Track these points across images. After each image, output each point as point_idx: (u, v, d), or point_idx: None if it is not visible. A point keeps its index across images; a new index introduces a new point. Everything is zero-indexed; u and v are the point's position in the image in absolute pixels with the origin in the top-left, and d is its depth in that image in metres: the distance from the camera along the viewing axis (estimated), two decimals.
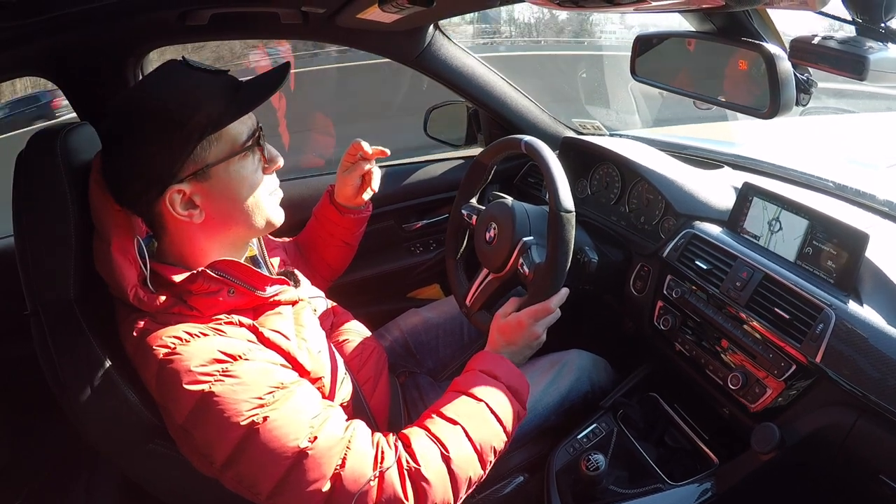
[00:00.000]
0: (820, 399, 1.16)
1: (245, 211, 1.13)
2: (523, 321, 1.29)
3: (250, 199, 1.13)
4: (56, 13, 1.28)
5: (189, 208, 1.07)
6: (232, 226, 1.14)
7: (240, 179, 1.11)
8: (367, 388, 1.38)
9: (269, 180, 1.18)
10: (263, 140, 1.15)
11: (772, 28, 1.25)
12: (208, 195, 1.08)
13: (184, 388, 0.95)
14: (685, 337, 1.45)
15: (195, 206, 1.08)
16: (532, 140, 1.40)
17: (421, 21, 1.79)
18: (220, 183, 1.09)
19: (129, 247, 1.07)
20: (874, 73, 0.93)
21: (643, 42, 1.50)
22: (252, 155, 1.12)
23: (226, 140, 1.08)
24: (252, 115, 1.13)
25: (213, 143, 1.06)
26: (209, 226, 1.11)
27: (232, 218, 1.13)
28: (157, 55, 1.75)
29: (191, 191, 1.06)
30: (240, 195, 1.12)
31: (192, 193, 1.06)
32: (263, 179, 1.15)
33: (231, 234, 1.15)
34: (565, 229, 1.28)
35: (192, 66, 1.07)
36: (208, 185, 1.07)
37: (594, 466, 1.29)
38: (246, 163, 1.11)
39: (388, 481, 0.99)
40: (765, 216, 1.37)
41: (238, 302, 1.10)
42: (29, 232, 1.10)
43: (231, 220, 1.13)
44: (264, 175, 1.16)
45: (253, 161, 1.13)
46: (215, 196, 1.09)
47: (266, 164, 1.16)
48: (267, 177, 1.17)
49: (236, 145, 1.09)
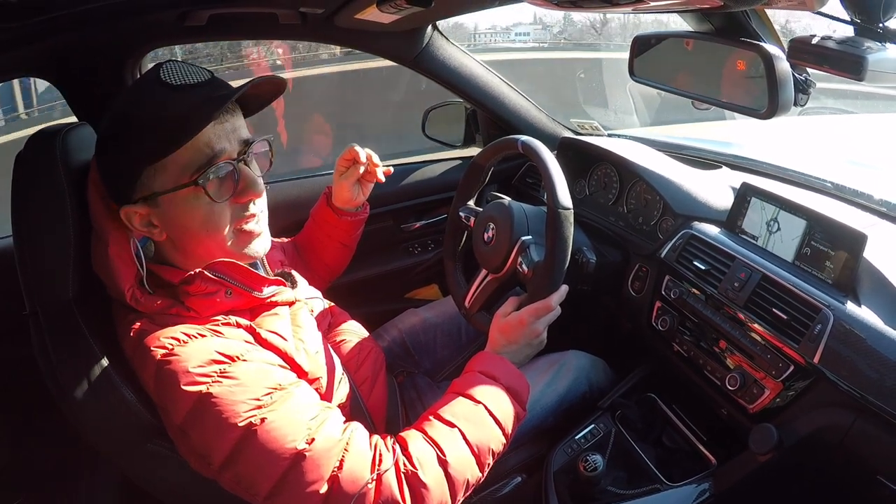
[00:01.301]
0: (818, 400, 1.16)
1: (202, 242, 1.09)
2: (524, 319, 1.29)
3: (205, 233, 1.08)
4: (55, 14, 1.28)
5: (147, 226, 1.07)
6: (195, 250, 1.11)
7: (188, 213, 1.05)
8: (364, 388, 1.38)
9: (236, 211, 1.10)
10: (236, 166, 1.07)
11: (770, 28, 1.26)
12: (162, 220, 1.07)
13: (182, 389, 0.95)
14: (683, 337, 1.45)
15: (154, 224, 1.07)
16: (529, 140, 1.40)
17: (419, 22, 1.79)
18: (171, 211, 1.05)
19: (127, 248, 1.07)
20: (872, 74, 0.93)
21: (641, 42, 1.50)
22: (206, 188, 1.03)
23: (173, 169, 1.02)
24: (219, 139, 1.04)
25: (160, 172, 1.02)
26: (175, 245, 1.11)
27: (191, 245, 1.10)
28: (154, 55, 1.75)
29: (145, 213, 1.05)
30: (191, 228, 1.07)
31: (147, 215, 1.06)
32: (225, 213, 1.08)
33: (200, 254, 1.11)
34: (564, 227, 1.29)
35: (161, 80, 1.01)
36: (158, 211, 1.05)
37: (592, 467, 1.29)
38: (197, 198, 1.04)
39: (386, 483, 0.99)
40: (763, 217, 1.37)
41: (235, 303, 1.10)
42: (28, 232, 1.09)
43: (190, 247, 1.11)
44: (232, 206, 1.09)
45: (206, 194, 1.03)
46: (169, 223, 1.07)
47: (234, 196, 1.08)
48: (236, 208, 1.10)
49: (184, 177, 1.02)
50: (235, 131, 1.07)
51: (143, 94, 1.03)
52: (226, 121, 1.05)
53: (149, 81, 1.03)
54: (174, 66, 1.02)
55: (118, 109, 1.04)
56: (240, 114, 1.11)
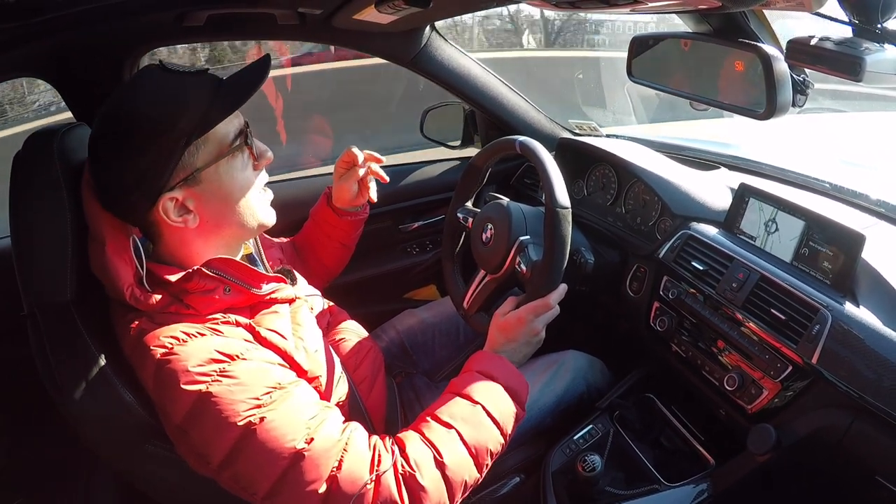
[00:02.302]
0: (816, 400, 1.17)
1: (237, 211, 1.14)
2: (523, 317, 1.29)
3: (242, 199, 1.14)
4: (53, 14, 1.28)
5: (183, 214, 1.08)
6: (225, 227, 1.14)
7: (230, 180, 1.11)
8: (363, 388, 1.38)
9: (259, 178, 1.18)
10: (251, 136, 1.15)
11: (768, 29, 1.26)
12: (201, 199, 1.09)
13: (181, 389, 0.95)
14: (681, 338, 1.45)
15: (189, 210, 1.08)
16: (526, 140, 1.41)
17: (417, 22, 1.79)
18: (212, 185, 1.09)
19: (125, 246, 1.07)
20: (870, 75, 0.93)
21: (639, 43, 1.51)
22: (241, 154, 1.12)
23: (213, 142, 1.08)
24: (238, 112, 1.12)
25: (201, 147, 1.06)
26: (204, 229, 1.11)
27: (225, 219, 1.13)
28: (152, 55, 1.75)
29: (183, 196, 1.07)
30: (232, 196, 1.12)
31: (184, 199, 1.07)
32: (254, 178, 1.16)
33: (225, 235, 1.15)
34: (562, 226, 1.29)
35: (168, 69, 1.06)
36: (199, 189, 1.08)
37: (590, 467, 1.29)
38: (235, 162, 1.11)
39: (385, 484, 0.99)
40: (761, 217, 1.37)
41: (234, 300, 1.10)
42: (26, 233, 1.09)
43: (224, 222, 1.13)
44: (255, 172, 1.17)
45: (242, 159, 1.13)
46: (207, 199, 1.09)
47: (255, 161, 1.16)
48: (257, 175, 1.18)
49: (224, 146, 1.09)
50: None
51: (161, 82, 1.06)
52: None
53: (154, 73, 1.07)
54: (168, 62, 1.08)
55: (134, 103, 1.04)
56: None
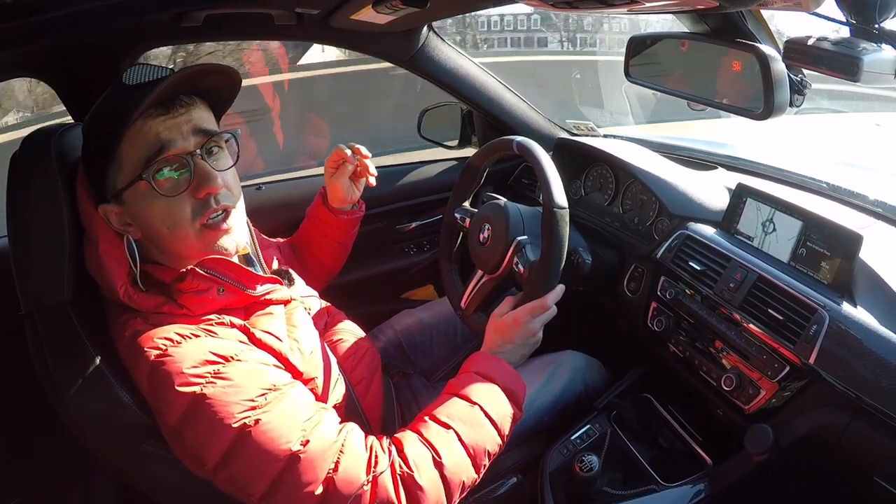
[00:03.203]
0: (814, 400, 1.16)
1: (167, 240, 1.10)
2: (520, 318, 1.29)
3: (167, 230, 1.08)
4: (50, 14, 1.28)
5: (124, 225, 1.08)
6: (168, 247, 1.12)
7: (148, 209, 1.06)
8: (360, 388, 1.38)
9: (195, 206, 1.08)
10: (191, 160, 1.06)
11: (766, 29, 1.26)
12: (132, 217, 1.08)
13: (176, 390, 0.95)
14: (679, 338, 1.45)
15: (129, 223, 1.08)
16: (524, 140, 1.41)
17: (415, 22, 1.78)
18: (133, 209, 1.07)
19: (119, 246, 1.07)
20: (868, 75, 0.93)
21: (637, 43, 1.51)
22: (150, 181, 1.03)
23: (127, 165, 1.04)
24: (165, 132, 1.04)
25: (119, 169, 1.05)
26: (152, 243, 1.11)
27: (162, 242, 1.11)
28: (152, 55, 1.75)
29: (117, 211, 1.07)
30: (152, 224, 1.08)
31: (121, 213, 1.08)
32: (184, 207, 1.07)
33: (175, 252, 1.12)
34: (559, 226, 1.29)
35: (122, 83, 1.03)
36: (126, 209, 1.08)
37: (588, 468, 1.29)
38: (151, 191, 1.04)
39: (382, 485, 0.99)
40: (759, 217, 1.37)
41: (228, 300, 1.10)
42: (23, 233, 1.09)
43: (162, 245, 1.11)
44: (192, 200, 1.08)
45: (160, 187, 1.04)
46: (136, 220, 1.08)
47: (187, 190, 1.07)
48: (196, 203, 1.08)
49: (136, 172, 1.04)
50: (191, 123, 1.07)
51: (105, 97, 1.07)
52: (178, 114, 1.06)
53: (114, 85, 1.05)
54: (136, 69, 1.03)
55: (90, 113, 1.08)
56: (199, 107, 1.11)
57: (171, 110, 1.04)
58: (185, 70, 1.05)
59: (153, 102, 1.01)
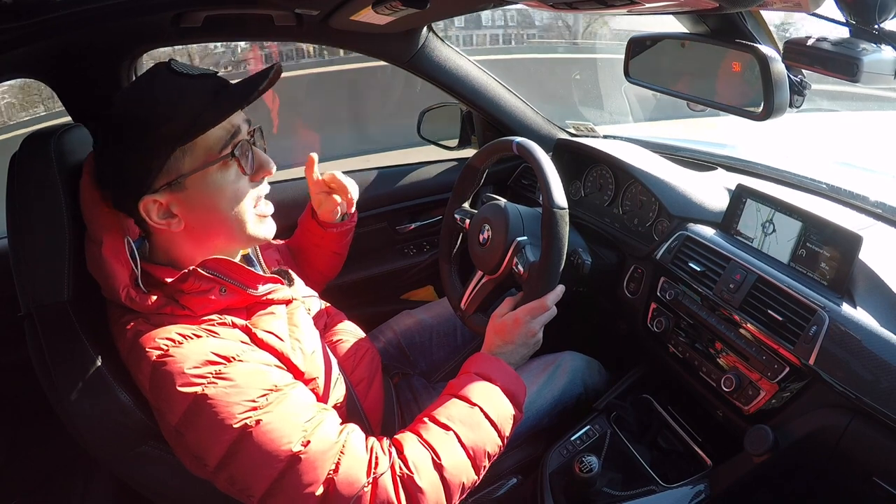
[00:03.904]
0: (813, 401, 1.17)
1: (225, 223, 1.11)
2: (520, 318, 1.29)
3: (230, 213, 1.11)
4: (50, 16, 1.28)
5: (166, 217, 1.07)
6: (214, 236, 1.13)
7: (217, 190, 1.08)
8: (360, 389, 1.38)
9: (255, 191, 1.14)
10: (251, 145, 1.12)
11: (765, 30, 1.26)
12: (184, 205, 1.07)
13: (177, 391, 0.95)
14: (679, 339, 1.45)
15: (173, 215, 1.07)
16: (523, 141, 1.41)
17: (414, 23, 1.78)
18: (197, 194, 1.07)
19: (121, 247, 1.07)
20: (867, 75, 0.93)
21: (637, 44, 1.51)
22: (233, 164, 1.08)
23: (201, 148, 1.05)
24: (238, 118, 1.09)
25: (188, 153, 1.04)
26: (191, 234, 1.11)
27: (212, 228, 1.11)
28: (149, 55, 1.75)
29: (166, 201, 1.06)
30: (218, 207, 1.10)
31: (168, 203, 1.06)
32: (248, 190, 1.12)
33: (215, 242, 1.14)
34: (559, 226, 1.29)
35: (175, 71, 1.05)
36: (183, 195, 1.07)
37: (588, 468, 1.29)
38: (225, 173, 1.08)
39: (382, 487, 0.99)
40: (758, 218, 1.37)
41: (230, 301, 1.10)
42: (23, 234, 1.09)
43: (212, 231, 1.12)
44: (250, 184, 1.13)
45: (234, 171, 1.09)
46: (192, 207, 1.08)
47: (251, 174, 1.12)
48: (253, 186, 1.14)
49: (212, 154, 1.06)
50: (243, 113, 1.11)
51: (160, 83, 1.05)
52: None
53: (160, 73, 1.05)
54: (178, 63, 1.06)
55: (131, 100, 1.05)
56: None
57: None
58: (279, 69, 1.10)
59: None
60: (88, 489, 1.88)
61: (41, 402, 1.07)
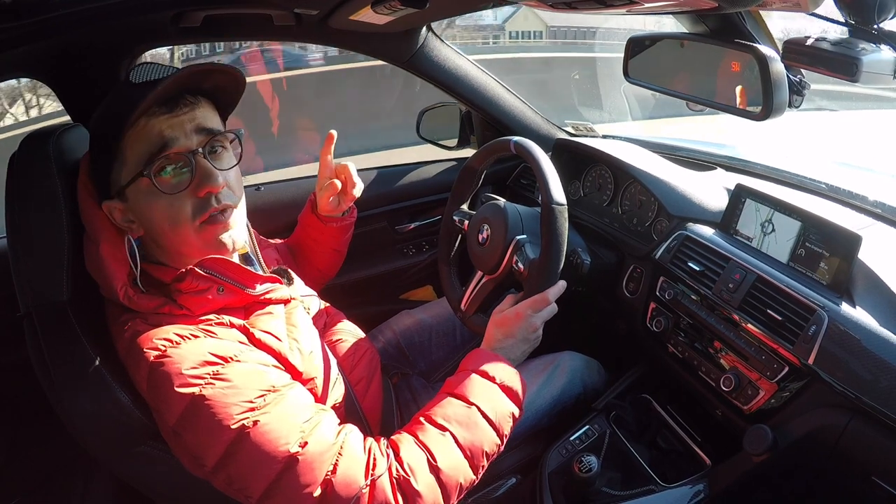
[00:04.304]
0: (812, 401, 1.16)
1: (170, 238, 1.10)
2: (521, 312, 1.29)
3: (168, 227, 1.08)
4: (49, 15, 1.28)
5: (127, 222, 1.09)
6: (167, 246, 1.12)
7: (150, 205, 1.06)
8: (359, 388, 1.37)
9: (196, 205, 1.08)
10: (193, 158, 1.06)
11: (765, 30, 1.26)
12: (134, 214, 1.09)
13: (175, 391, 0.95)
14: (678, 338, 1.45)
15: (131, 220, 1.09)
16: (521, 140, 1.41)
17: (414, 23, 1.78)
18: (136, 206, 1.08)
19: (119, 246, 1.07)
20: (867, 75, 0.93)
21: (636, 43, 1.51)
22: (151, 177, 1.03)
23: (131, 161, 1.05)
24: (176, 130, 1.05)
25: (122, 165, 1.05)
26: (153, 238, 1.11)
27: (163, 239, 1.11)
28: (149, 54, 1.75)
29: (121, 208, 1.08)
30: (155, 221, 1.08)
31: (123, 210, 1.08)
32: (185, 205, 1.07)
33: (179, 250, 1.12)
34: (558, 222, 1.29)
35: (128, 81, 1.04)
36: (127, 206, 1.08)
37: (587, 468, 1.29)
38: (153, 188, 1.04)
39: (380, 488, 0.99)
40: (757, 218, 1.37)
41: (228, 300, 1.10)
42: (22, 233, 1.09)
43: (163, 242, 1.11)
44: (192, 198, 1.07)
45: (162, 185, 1.04)
46: (139, 218, 1.09)
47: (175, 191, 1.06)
48: (193, 201, 1.08)
49: (138, 168, 1.04)
50: (194, 122, 1.07)
51: (112, 94, 1.08)
52: (182, 112, 1.06)
53: (121, 83, 1.07)
54: (143, 68, 1.04)
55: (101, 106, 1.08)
56: (204, 106, 1.11)
57: (174, 109, 1.05)
58: (187, 69, 1.04)
59: (156, 100, 1.02)
60: (88, 489, 1.88)
61: (41, 402, 1.07)
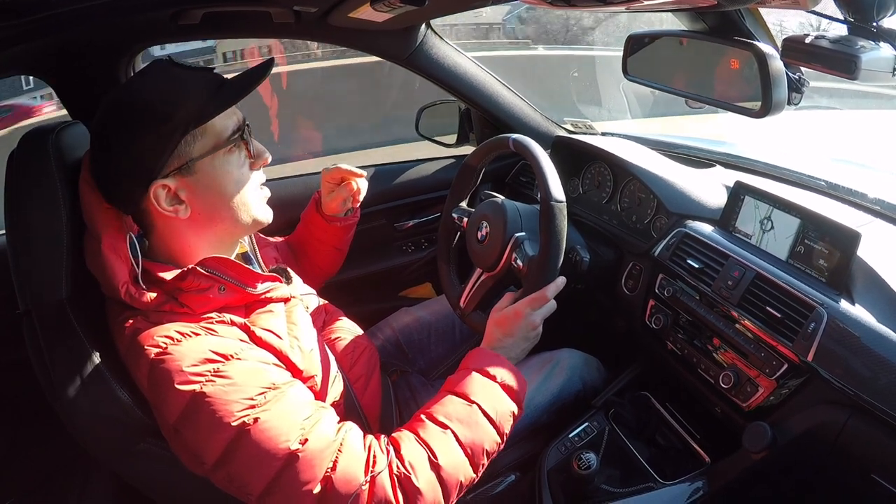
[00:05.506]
0: (811, 398, 1.17)
1: (231, 207, 1.13)
2: (520, 310, 1.29)
3: (236, 196, 1.14)
4: (48, 13, 1.28)
5: (174, 203, 1.08)
6: (218, 222, 1.14)
7: (225, 174, 1.11)
8: (358, 386, 1.38)
9: (256, 176, 1.18)
10: (250, 135, 1.16)
11: (764, 27, 1.26)
12: (193, 190, 1.09)
13: (175, 389, 0.95)
14: (677, 336, 1.45)
15: (181, 201, 1.08)
16: (519, 137, 1.41)
17: (413, 20, 1.78)
18: (205, 178, 1.09)
19: (121, 244, 1.07)
20: (866, 73, 0.93)
21: (635, 41, 1.51)
22: (238, 150, 1.13)
23: (210, 134, 1.08)
24: (237, 110, 1.14)
25: (198, 138, 1.07)
26: (196, 222, 1.11)
27: (218, 213, 1.13)
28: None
29: (175, 186, 1.07)
30: (225, 190, 1.12)
31: (177, 188, 1.07)
32: (250, 175, 1.16)
33: (218, 230, 1.15)
34: (557, 219, 1.29)
35: (176, 64, 1.09)
36: (193, 179, 1.08)
37: (586, 465, 1.29)
38: (231, 157, 1.12)
39: (380, 485, 0.99)
40: (757, 215, 1.38)
41: (229, 299, 1.10)
42: (21, 231, 1.09)
43: (217, 216, 1.13)
44: (251, 171, 1.16)
45: (239, 156, 1.13)
46: (200, 191, 1.09)
47: (252, 160, 1.16)
48: (254, 173, 1.17)
49: (221, 139, 1.10)
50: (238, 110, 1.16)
51: (165, 75, 1.09)
52: None
53: (161, 65, 1.10)
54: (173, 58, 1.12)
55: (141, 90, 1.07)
56: None
57: None
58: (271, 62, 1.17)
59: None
60: (88, 489, 1.88)
61: (41, 402, 1.07)
